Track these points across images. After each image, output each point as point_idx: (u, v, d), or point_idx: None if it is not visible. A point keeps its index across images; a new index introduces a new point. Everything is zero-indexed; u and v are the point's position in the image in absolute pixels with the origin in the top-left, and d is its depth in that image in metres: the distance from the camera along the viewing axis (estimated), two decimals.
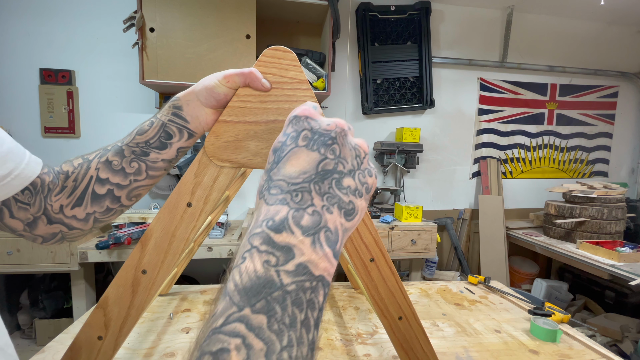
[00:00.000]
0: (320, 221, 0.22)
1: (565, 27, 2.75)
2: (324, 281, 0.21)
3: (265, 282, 0.19)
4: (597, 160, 2.98)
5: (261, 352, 0.17)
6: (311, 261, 0.20)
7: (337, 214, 0.23)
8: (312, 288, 0.20)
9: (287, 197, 0.23)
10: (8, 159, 0.38)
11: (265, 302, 0.19)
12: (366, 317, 0.87)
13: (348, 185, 0.25)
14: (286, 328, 0.18)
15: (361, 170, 0.26)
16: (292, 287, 0.19)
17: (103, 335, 0.44)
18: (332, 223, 0.23)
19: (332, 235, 0.22)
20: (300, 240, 0.21)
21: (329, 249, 0.22)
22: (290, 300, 0.19)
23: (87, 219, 0.45)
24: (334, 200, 0.23)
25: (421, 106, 2.53)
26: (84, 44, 2.10)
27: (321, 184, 0.23)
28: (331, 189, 0.24)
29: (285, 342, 0.18)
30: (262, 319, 0.18)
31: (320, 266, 0.21)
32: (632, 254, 1.89)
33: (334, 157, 0.25)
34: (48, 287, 2.05)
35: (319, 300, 0.20)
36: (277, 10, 2.05)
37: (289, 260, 0.20)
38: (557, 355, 0.73)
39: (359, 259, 0.47)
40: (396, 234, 2.05)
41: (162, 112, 0.44)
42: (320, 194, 0.23)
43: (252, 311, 0.18)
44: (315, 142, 0.25)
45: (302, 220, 0.22)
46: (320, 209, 0.23)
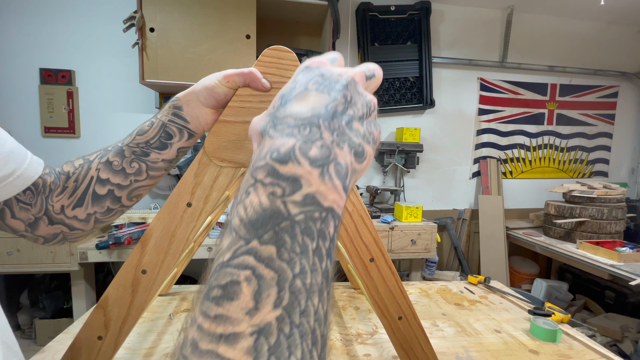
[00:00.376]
0: (330, 154, 0.21)
1: (565, 27, 2.75)
2: (334, 212, 0.20)
3: (272, 213, 0.18)
4: (597, 160, 2.98)
5: (272, 280, 0.17)
6: (320, 192, 0.20)
7: (347, 151, 0.22)
8: (321, 218, 0.19)
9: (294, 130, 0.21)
10: (10, 159, 0.38)
11: (274, 233, 0.18)
12: (366, 317, 0.87)
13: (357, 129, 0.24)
14: (297, 256, 0.18)
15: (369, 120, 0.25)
16: (301, 216, 0.19)
17: (103, 335, 0.44)
18: (343, 158, 0.22)
19: (342, 169, 0.21)
20: (307, 171, 0.20)
21: (338, 181, 0.21)
22: (300, 230, 0.18)
23: (88, 220, 0.45)
24: (344, 138, 0.22)
25: (421, 106, 2.53)
26: (84, 43, 2.10)
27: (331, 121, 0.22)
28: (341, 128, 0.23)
29: (298, 270, 0.17)
30: (271, 249, 0.17)
31: (329, 197, 0.20)
32: (632, 254, 1.89)
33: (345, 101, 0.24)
34: (48, 287, 2.05)
35: (330, 231, 0.20)
36: (277, 10, 2.05)
37: (296, 191, 0.19)
38: (557, 355, 0.73)
39: (358, 259, 0.47)
40: (396, 234, 2.05)
41: (162, 113, 0.44)
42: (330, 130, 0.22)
43: (260, 243, 0.18)
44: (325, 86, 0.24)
45: (310, 152, 0.20)
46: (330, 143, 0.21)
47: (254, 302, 0.16)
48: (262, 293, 0.16)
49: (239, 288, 0.16)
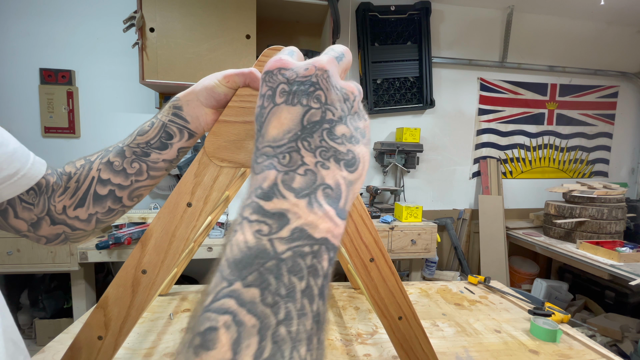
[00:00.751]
0: (316, 179, 0.19)
1: (565, 27, 2.75)
2: (328, 244, 0.18)
3: (258, 253, 0.17)
4: (597, 160, 2.98)
5: (253, 328, 0.15)
6: (309, 223, 0.18)
7: (334, 167, 0.20)
8: (313, 253, 0.18)
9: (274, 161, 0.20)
10: (14, 159, 0.38)
11: (258, 274, 0.16)
12: (366, 317, 0.87)
13: (342, 134, 0.22)
14: (282, 300, 0.16)
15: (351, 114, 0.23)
16: (288, 253, 0.17)
17: (103, 335, 0.44)
18: (331, 178, 0.20)
19: (332, 192, 0.20)
20: (293, 204, 0.18)
21: (329, 208, 0.19)
22: (286, 269, 0.17)
23: (90, 220, 0.45)
24: (329, 154, 0.21)
25: (421, 106, 2.53)
26: (84, 44, 2.10)
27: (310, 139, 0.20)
28: (323, 142, 0.21)
29: (282, 316, 0.16)
30: (255, 292, 0.16)
31: (320, 227, 0.18)
32: (632, 254, 1.89)
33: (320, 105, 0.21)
34: (48, 287, 2.05)
35: (323, 266, 0.18)
36: (277, 10, 2.05)
37: (283, 227, 0.18)
38: (557, 355, 0.73)
39: (358, 259, 0.47)
40: (396, 234, 2.05)
41: (163, 113, 0.44)
42: (311, 150, 0.20)
43: (243, 285, 0.16)
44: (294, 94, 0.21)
45: (293, 183, 0.19)
46: (313, 166, 0.20)
47: (232, 354, 0.14)
48: (242, 343, 0.15)
49: (216, 336, 0.15)
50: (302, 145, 0.20)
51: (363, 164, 0.22)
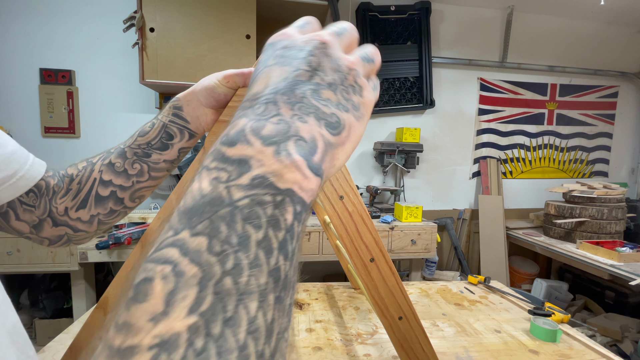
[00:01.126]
0: (289, 130, 0.18)
1: (565, 27, 2.75)
2: (294, 196, 0.16)
3: (211, 200, 0.15)
4: (597, 160, 2.98)
5: (193, 278, 0.13)
6: (274, 172, 0.16)
7: (313, 123, 0.19)
8: (274, 203, 0.16)
9: (248, 111, 0.19)
10: (12, 160, 0.38)
11: (209, 222, 0.14)
12: (366, 317, 0.87)
13: (328, 98, 0.20)
14: (232, 249, 0.14)
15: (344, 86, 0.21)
16: (245, 201, 0.15)
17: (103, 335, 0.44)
18: (307, 132, 0.18)
19: (306, 144, 0.18)
20: (258, 150, 0.16)
21: (299, 157, 0.17)
22: (241, 216, 0.15)
23: (92, 221, 0.45)
24: (309, 110, 0.19)
25: (421, 106, 2.53)
26: (84, 44, 2.10)
27: (290, 94, 0.19)
28: (305, 99, 0.19)
29: (230, 266, 0.14)
30: (202, 240, 0.14)
31: (286, 177, 0.16)
32: (632, 254, 1.88)
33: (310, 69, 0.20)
34: (48, 287, 2.05)
35: (286, 219, 0.16)
36: (277, 10, 2.05)
37: (243, 174, 0.16)
38: (557, 355, 0.73)
39: (359, 259, 0.47)
40: (396, 234, 2.05)
41: (163, 113, 0.44)
42: (289, 103, 0.19)
43: (191, 234, 0.14)
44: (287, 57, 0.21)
45: (263, 130, 0.17)
46: (289, 117, 0.18)
47: (164, 306, 0.12)
48: (177, 294, 0.13)
49: (150, 287, 0.13)
50: (280, 98, 0.19)
51: (348, 132, 0.21)
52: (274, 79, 0.20)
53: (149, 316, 0.12)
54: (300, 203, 0.17)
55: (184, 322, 0.12)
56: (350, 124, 0.21)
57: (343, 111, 0.21)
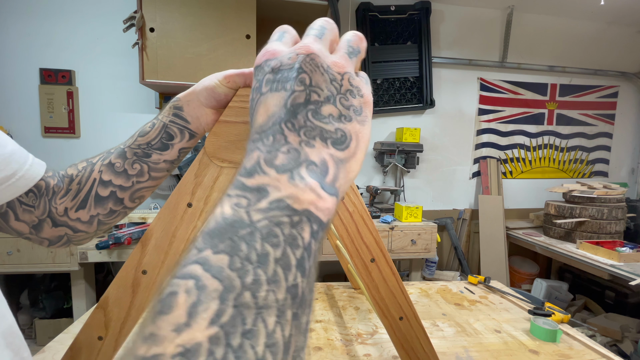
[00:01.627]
0: (299, 157, 0.19)
1: (565, 27, 2.75)
2: (312, 216, 0.17)
3: (233, 222, 0.16)
4: (597, 160, 2.98)
5: (215, 292, 0.14)
6: (290, 195, 0.17)
7: (320, 145, 0.20)
8: (292, 223, 0.17)
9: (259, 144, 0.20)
10: (12, 160, 0.38)
11: (230, 242, 0.15)
12: (366, 317, 0.87)
13: (329, 114, 0.21)
14: (251, 265, 0.15)
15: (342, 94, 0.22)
16: (264, 222, 0.16)
17: (103, 335, 0.44)
18: (316, 156, 0.19)
19: (317, 168, 0.19)
20: (274, 178, 0.18)
21: (313, 181, 0.18)
22: (261, 236, 0.16)
23: (91, 222, 0.45)
24: (314, 133, 0.20)
25: (421, 106, 2.53)
26: (84, 44, 2.10)
27: (294, 120, 0.20)
28: (308, 122, 0.20)
29: (250, 281, 0.14)
30: (223, 258, 0.15)
31: (302, 199, 0.17)
32: (632, 254, 1.89)
33: (304, 87, 0.21)
34: (48, 287, 2.05)
35: (304, 238, 0.17)
36: (277, 10, 2.05)
37: (262, 199, 0.17)
38: (557, 355, 0.73)
39: (359, 259, 0.47)
40: (396, 234, 2.05)
41: (163, 113, 0.44)
42: (295, 131, 0.20)
43: (213, 252, 0.15)
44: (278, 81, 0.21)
45: (275, 160, 0.18)
46: (297, 145, 0.19)
47: (187, 317, 0.13)
48: (199, 306, 0.13)
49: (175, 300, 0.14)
50: (285, 127, 0.20)
51: (356, 142, 0.21)
52: (273, 108, 0.21)
53: (173, 327, 0.13)
54: (317, 222, 0.18)
55: (205, 332, 0.13)
56: (356, 132, 0.22)
57: (346, 122, 0.21)
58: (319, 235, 0.18)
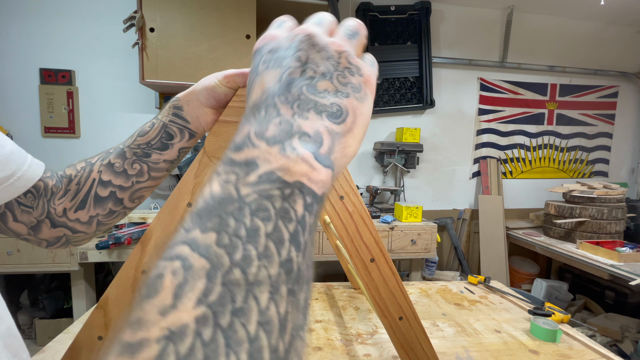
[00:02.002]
0: (292, 128, 0.18)
1: (565, 27, 2.75)
2: (304, 188, 0.17)
3: (221, 200, 0.15)
4: (597, 160, 2.98)
5: (202, 271, 0.13)
6: (281, 167, 0.16)
7: (315, 117, 0.19)
8: (283, 196, 0.16)
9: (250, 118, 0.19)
10: (10, 161, 0.38)
11: (219, 219, 0.15)
12: (366, 317, 0.87)
13: (325, 89, 0.20)
14: (240, 241, 0.14)
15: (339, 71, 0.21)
16: (253, 196, 0.15)
17: (103, 335, 0.44)
18: (310, 127, 0.18)
19: (310, 139, 0.18)
20: (264, 150, 0.17)
21: (306, 152, 0.17)
22: (250, 211, 0.15)
23: (91, 222, 0.45)
24: (308, 106, 0.19)
25: (421, 106, 2.53)
26: (83, 43, 2.10)
27: (287, 93, 0.19)
28: (302, 95, 0.19)
29: (239, 257, 0.14)
30: (211, 236, 0.14)
31: (294, 170, 0.16)
32: (632, 254, 1.89)
33: (300, 64, 0.21)
34: (48, 287, 2.05)
35: (297, 211, 0.16)
36: (277, 10, 2.05)
37: (251, 172, 0.16)
38: (557, 355, 0.73)
39: (359, 259, 0.47)
40: (396, 234, 2.05)
41: (163, 113, 0.44)
42: (288, 103, 0.19)
43: (201, 231, 0.14)
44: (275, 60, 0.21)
45: (266, 132, 0.18)
46: (290, 117, 0.19)
47: (173, 299, 0.13)
48: (186, 286, 0.13)
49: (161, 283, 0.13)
50: (278, 100, 0.19)
51: (353, 117, 0.21)
52: (268, 84, 0.20)
53: (158, 309, 0.12)
54: (311, 194, 0.17)
55: (191, 313, 0.12)
56: (354, 107, 0.21)
57: (343, 98, 0.21)
58: (314, 208, 0.17)
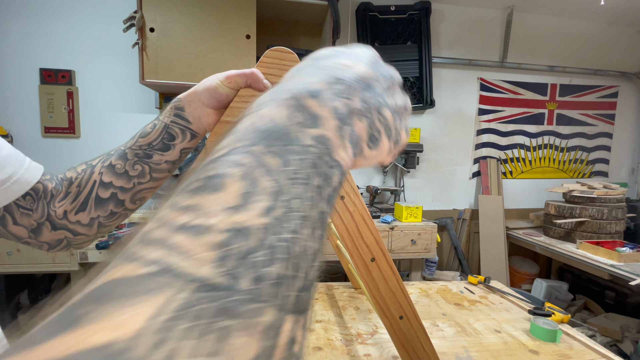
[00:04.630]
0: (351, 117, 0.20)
1: (565, 27, 2.75)
2: (340, 168, 0.18)
3: (286, 132, 0.16)
4: (597, 160, 2.98)
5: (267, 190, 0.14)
6: (333, 143, 0.18)
7: (364, 127, 0.21)
8: (329, 164, 0.17)
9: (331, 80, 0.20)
10: (7, 164, 0.38)
11: (283, 149, 0.16)
12: (366, 317, 0.87)
13: (386, 116, 0.23)
14: (300, 182, 0.15)
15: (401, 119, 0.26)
16: (314, 149, 0.17)
17: None
18: (359, 129, 0.21)
19: (354, 138, 0.20)
20: (328, 116, 0.18)
21: (349, 144, 0.19)
22: (310, 162, 0.16)
23: (92, 224, 0.44)
24: (368, 115, 0.21)
25: (421, 106, 2.53)
26: (84, 43, 2.10)
27: (364, 92, 0.21)
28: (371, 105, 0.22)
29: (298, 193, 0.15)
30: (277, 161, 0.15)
31: (339, 152, 0.18)
32: (632, 254, 1.89)
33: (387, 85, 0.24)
34: (48, 287, 2.05)
35: (334, 180, 0.18)
36: (277, 10, 2.05)
37: (314, 126, 0.17)
38: (557, 355, 0.73)
39: (360, 258, 0.47)
40: (396, 234, 2.05)
41: (164, 114, 0.44)
42: (360, 99, 0.21)
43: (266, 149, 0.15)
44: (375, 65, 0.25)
45: (335, 102, 0.19)
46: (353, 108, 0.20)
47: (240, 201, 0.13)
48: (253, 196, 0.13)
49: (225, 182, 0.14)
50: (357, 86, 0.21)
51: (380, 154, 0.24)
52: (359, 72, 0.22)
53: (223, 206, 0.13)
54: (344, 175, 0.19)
55: (259, 220, 0.13)
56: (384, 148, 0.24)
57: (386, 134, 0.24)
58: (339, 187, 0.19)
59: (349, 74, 0.22)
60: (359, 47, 0.26)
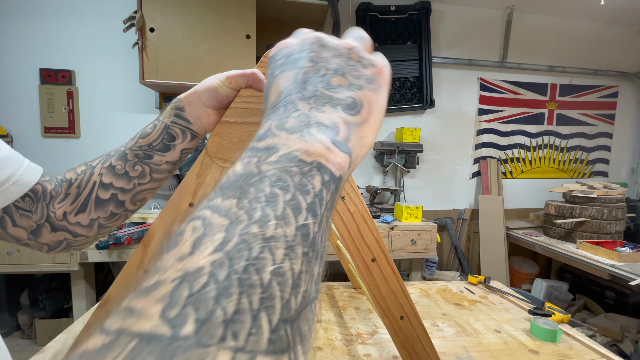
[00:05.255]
0: (309, 120, 0.19)
1: (565, 27, 2.75)
2: (322, 167, 0.17)
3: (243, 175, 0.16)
4: (597, 160, 2.98)
5: (221, 226, 0.14)
6: (299, 149, 0.17)
7: (330, 110, 0.20)
8: (302, 172, 0.16)
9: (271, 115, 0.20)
10: (5, 165, 0.38)
11: (240, 189, 0.15)
12: (366, 317, 0.87)
13: (338, 84, 0.22)
14: (259, 204, 0.15)
15: (351, 65, 0.23)
16: (273, 171, 0.16)
17: None
18: (326, 119, 0.20)
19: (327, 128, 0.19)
20: (285, 138, 0.18)
21: (323, 137, 0.18)
22: (270, 182, 0.16)
23: (92, 225, 0.44)
24: (324, 101, 0.21)
25: (421, 106, 2.53)
26: (84, 43, 2.10)
27: (303, 91, 0.21)
28: (317, 92, 0.21)
29: (258, 217, 0.14)
30: (232, 201, 0.15)
31: (312, 151, 0.17)
32: (632, 254, 1.89)
33: (313, 64, 0.22)
34: (48, 287, 2.05)
35: (314, 186, 0.16)
36: (277, 10, 2.05)
37: (272, 155, 0.17)
38: (557, 355, 0.73)
39: (360, 258, 0.47)
40: (396, 234, 2.05)
41: (164, 115, 0.44)
42: (305, 99, 0.20)
43: (222, 199, 0.15)
44: (289, 62, 0.23)
45: (286, 124, 0.19)
46: (307, 110, 0.20)
47: (191, 248, 0.13)
48: (204, 238, 0.13)
49: (181, 237, 0.14)
50: (295, 97, 0.21)
51: (369, 108, 0.22)
52: (284, 85, 0.22)
53: (177, 258, 0.13)
54: (328, 173, 0.17)
55: (208, 258, 0.13)
56: (368, 99, 0.22)
57: (356, 90, 0.22)
58: (332, 186, 0.17)
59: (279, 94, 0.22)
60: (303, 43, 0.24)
